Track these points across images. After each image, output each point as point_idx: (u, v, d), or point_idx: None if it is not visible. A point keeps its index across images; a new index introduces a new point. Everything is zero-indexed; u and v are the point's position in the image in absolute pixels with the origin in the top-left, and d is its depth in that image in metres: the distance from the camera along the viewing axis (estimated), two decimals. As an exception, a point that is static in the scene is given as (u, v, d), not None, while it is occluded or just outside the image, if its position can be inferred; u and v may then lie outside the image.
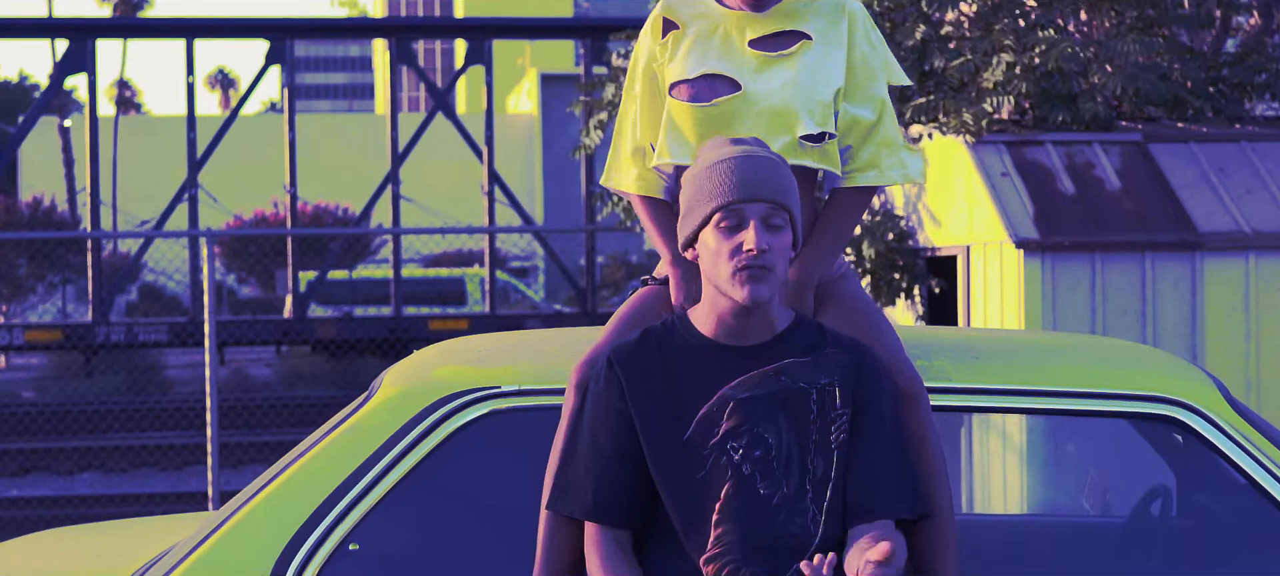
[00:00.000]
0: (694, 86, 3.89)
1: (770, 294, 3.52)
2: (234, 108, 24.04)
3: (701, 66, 3.91)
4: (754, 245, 3.48)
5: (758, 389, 3.51)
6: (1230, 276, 9.65)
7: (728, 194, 3.53)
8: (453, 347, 4.21)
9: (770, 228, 3.52)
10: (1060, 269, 9.53)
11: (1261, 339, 9.65)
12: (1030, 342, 4.22)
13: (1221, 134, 10.44)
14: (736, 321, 3.56)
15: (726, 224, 3.53)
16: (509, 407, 3.87)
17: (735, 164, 3.58)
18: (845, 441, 3.51)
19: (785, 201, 3.54)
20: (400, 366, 4.10)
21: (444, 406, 3.85)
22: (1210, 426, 3.81)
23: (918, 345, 3.98)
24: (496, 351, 4.08)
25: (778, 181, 3.55)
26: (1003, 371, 3.87)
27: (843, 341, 3.61)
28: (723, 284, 3.52)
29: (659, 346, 3.60)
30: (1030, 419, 3.91)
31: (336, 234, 26.31)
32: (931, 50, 11.11)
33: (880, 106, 3.97)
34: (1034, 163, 10.09)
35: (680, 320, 3.64)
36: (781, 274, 3.54)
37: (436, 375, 3.93)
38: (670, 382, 3.54)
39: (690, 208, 3.63)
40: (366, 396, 4.02)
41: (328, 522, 3.80)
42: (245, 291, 44.29)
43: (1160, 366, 3.97)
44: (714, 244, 3.54)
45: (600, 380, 3.59)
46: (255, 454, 17.71)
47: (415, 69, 23.54)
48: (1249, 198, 9.89)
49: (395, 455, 3.82)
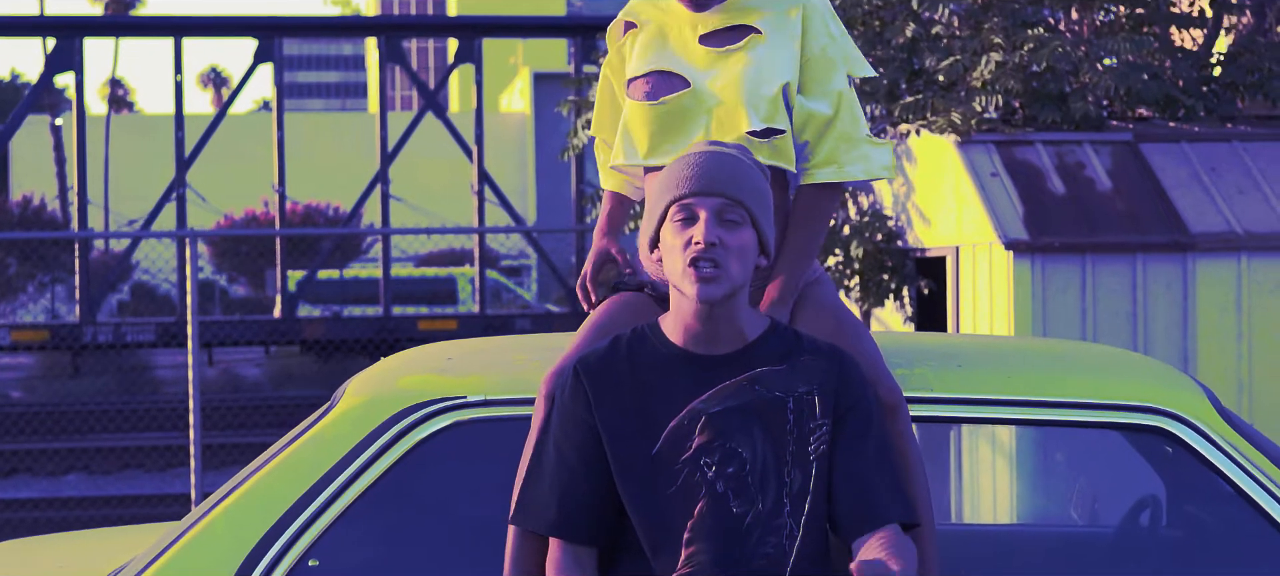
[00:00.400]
0: (647, 83, 3.83)
1: (723, 294, 3.37)
2: (222, 107, 23.89)
3: (652, 63, 3.86)
4: (702, 237, 3.35)
5: (730, 400, 3.37)
6: (1222, 278, 9.57)
7: (681, 187, 3.42)
8: (418, 356, 4.08)
9: (724, 222, 3.39)
10: (1050, 270, 9.43)
11: (1254, 341, 9.58)
12: (1016, 350, 4.09)
13: (1213, 133, 10.34)
14: (703, 327, 3.41)
15: (680, 217, 3.42)
16: (475, 418, 3.74)
17: (694, 159, 3.47)
18: (825, 453, 3.37)
19: (741, 197, 3.40)
20: (364, 375, 3.97)
21: (408, 417, 3.72)
22: (1200, 437, 3.69)
23: (898, 353, 3.86)
24: (463, 360, 3.95)
25: (737, 177, 3.42)
26: (987, 380, 3.74)
27: (820, 347, 3.47)
28: (679, 280, 3.39)
29: (628, 356, 3.46)
30: (1017, 427, 3.77)
31: (323, 234, 26.16)
32: (921, 49, 11.00)
33: (837, 100, 3.86)
34: (1024, 162, 9.99)
35: (651, 328, 3.50)
36: (738, 275, 3.38)
37: (401, 384, 3.80)
38: (639, 394, 3.41)
39: (651, 207, 3.52)
40: (329, 406, 3.89)
41: (287, 537, 3.66)
42: (238, 291, 44.14)
43: (1150, 375, 3.85)
44: (670, 240, 3.43)
45: (567, 391, 3.45)
46: (241, 455, 17.58)
47: (405, 67, 23.40)
48: (1241, 198, 9.79)
49: (357, 467, 3.69)
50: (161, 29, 23.54)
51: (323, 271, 28.69)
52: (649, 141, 3.82)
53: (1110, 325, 9.47)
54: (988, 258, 9.71)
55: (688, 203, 3.42)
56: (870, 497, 3.35)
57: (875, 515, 3.34)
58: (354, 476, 3.68)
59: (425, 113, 23.66)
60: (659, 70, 3.83)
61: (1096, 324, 9.45)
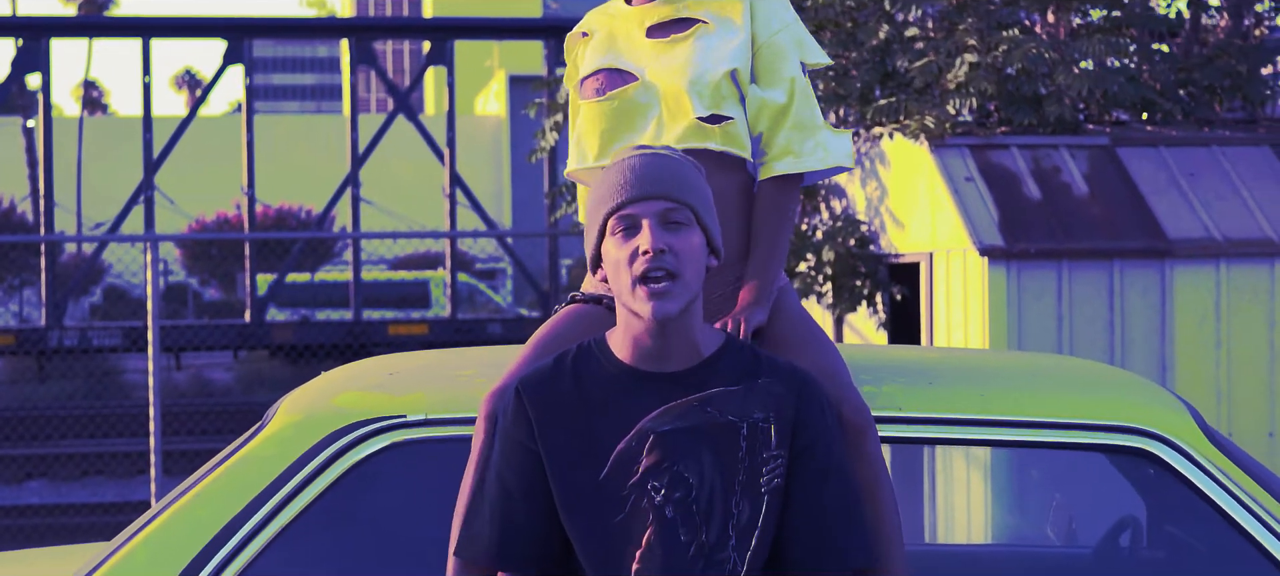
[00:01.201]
0: (597, 80, 3.72)
1: (680, 306, 3.13)
2: (191, 109, 23.65)
3: (601, 62, 3.74)
4: (650, 245, 3.11)
5: (680, 420, 3.13)
6: (1201, 285, 9.42)
7: (617, 195, 3.19)
8: (357, 371, 3.84)
9: (670, 226, 3.15)
10: (1026, 277, 9.26)
11: (1233, 349, 9.42)
12: (991, 366, 3.87)
13: (1191, 137, 10.19)
14: (654, 343, 3.17)
15: (621, 229, 3.18)
16: (416, 438, 3.50)
17: (625, 164, 3.24)
18: (779, 487, 3.13)
19: (684, 196, 3.17)
20: (299, 392, 3.74)
21: (344, 437, 3.49)
22: (1185, 460, 3.47)
23: (866, 368, 3.64)
24: (405, 375, 3.72)
25: (676, 176, 3.19)
26: (961, 398, 3.52)
27: (779, 368, 3.22)
28: (628, 299, 3.15)
29: (573, 374, 3.22)
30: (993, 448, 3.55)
31: (292, 238, 25.97)
32: (894, 50, 10.82)
33: (790, 87, 3.70)
34: (999, 167, 9.81)
35: (598, 344, 3.27)
36: (693, 281, 3.14)
37: (337, 402, 3.57)
38: (585, 415, 3.17)
39: (588, 222, 3.29)
40: (260, 425, 3.66)
41: (214, 565, 3.43)
42: (211, 294, 43.91)
43: (1131, 393, 3.63)
44: (613, 255, 3.18)
45: (508, 413, 3.22)
46: (206, 461, 17.31)
47: (376, 69, 23.23)
48: (1220, 203, 9.64)
49: (290, 490, 3.45)
50: (129, 30, 23.29)
51: (293, 275, 28.47)
52: (599, 141, 3.69)
53: (1087, 333, 9.30)
54: (962, 264, 9.55)
55: (628, 212, 3.18)
56: (828, 540, 3.12)
57: (833, 560, 3.12)
58: (285, 501, 3.45)
59: (397, 115, 23.48)
60: (607, 67, 3.72)
61: (1073, 332, 9.29)
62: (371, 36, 23.71)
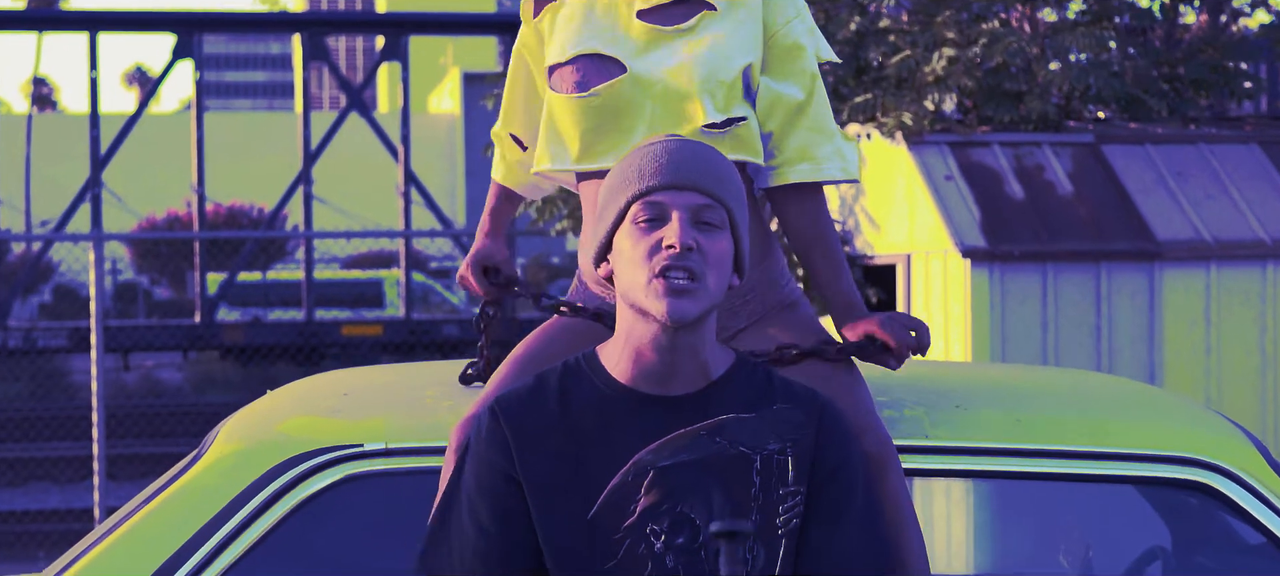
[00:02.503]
0: (576, 71, 3.12)
1: (698, 312, 2.67)
2: (140, 105, 23.21)
3: (578, 45, 3.14)
4: (677, 240, 2.66)
5: (684, 453, 2.68)
6: (1190, 288, 9.17)
7: (647, 179, 2.73)
8: (307, 391, 3.39)
9: (701, 225, 2.70)
10: (1010, 280, 8.98)
11: (1223, 355, 9.18)
12: (1026, 386, 3.43)
13: (1178, 135, 9.90)
14: (659, 360, 2.71)
15: (645, 218, 2.72)
16: (373, 471, 3.05)
17: (661, 146, 2.78)
18: (797, 527, 2.70)
19: (723, 195, 2.72)
20: (240, 416, 3.29)
21: (291, 469, 3.03)
22: (1249, 494, 3.05)
23: (881, 388, 3.21)
24: (361, 396, 3.27)
25: (717, 172, 2.74)
26: (995, 424, 3.09)
27: (796, 393, 2.78)
28: (640, 297, 2.68)
29: (559, 394, 2.76)
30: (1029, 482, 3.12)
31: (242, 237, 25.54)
32: (867, 43, 10.45)
33: (810, 84, 3.20)
34: (980, 165, 9.50)
35: (587, 360, 2.81)
36: (716, 291, 2.70)
37: (283, 429, 3.12)
38: (573, 443, 2.71)
39: (603, 206, 2.82)
40: (197, 453, 3.20)
41: (143, 616, 2.98)
42: (163, 293, 43.41)
43: (1187, 419, 3.21)
44: (629, 246, 2.72)
45: (482, 437, 2.76)
46: (155, 465, 16.83)
47: (328, 65, 22.93)
48: (1209, 203, 9.35)
49: (229, 531, 3.00)
50: (77, 23, 22.77)
51: (244, 274, 28.05)
52: (581, 141, 3.13)
53: (1073, 338, 9.05)
54: (942, 266, 9.27)
55: (657, 199, 2.72)
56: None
57: None
58: (225, 542, 2.99)
59: (349, 112, 23.13)
60: (588, 54, 3.13)
61: (1058, 337, 9.04)
62: (324, 31, 23.34)
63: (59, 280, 36.91)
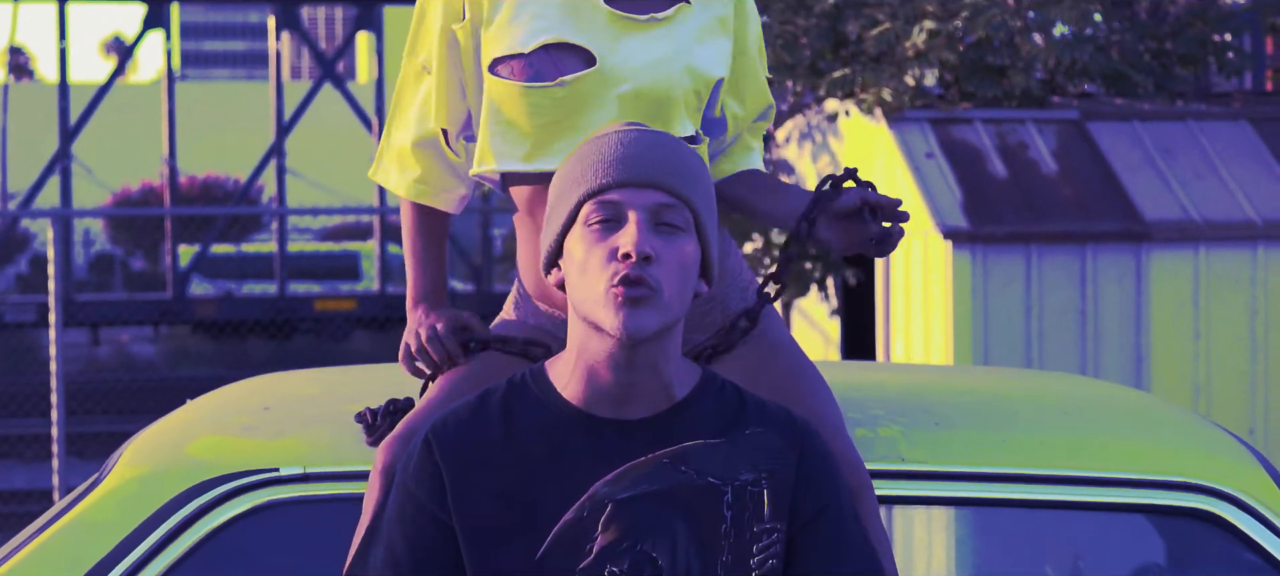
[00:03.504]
0: (531, 64, 2.72)
1: (658, 326, 2.36)
2: (110, 76, 22.93)
3: (540, 33, 2.72)
4: (633, 247, 2.34)
5: (644, 483, 2.37)
6: (1179, 270, 9.02)
7: (601, 175, 2.40)
8: (220, 405, 3.08)
9: (662, 227, 2.38)
10: (992, 262, 8.87)
11: (1212, 340, 9.05)
12: (1009, 398, 3.12)
13: (1166, 111, 9.77)
14: (614, 378, 2.39)
15: (599, 220, 2.39)
16: (291, 498, 2.74)
17: (617, 138, 2.45)
18: (775, 570, 2.39)
19: (687, 193, 2.41)
20: (145, 436, 2.98)
21: (197, 497, 2.72)
22: (1259, 525, 2.76)
23: (853, 402, 2.91)
24: (282, 411, 2.97)
25: (680, 165, 2.42)
26: (977, 444, 2.80)
27: (771, 415, 2.46)
28: (592, 310, 2.37)
29: (503, 416, 2.44)
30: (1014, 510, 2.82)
31: (212, 213, 25.30)
32: (845, 16, 10.18)
33: (769, 110, 3.01)
34: (962, 143, 9.37)
35: (535, 378, 2.48)
36: (676, 304, 2.38)
37: (191, 451, 2.81)
38: (518, 472, 2.40)
39: (553, 205, 2.49)
40: (97, 478, 2.90)
41: (32, 661, 2.68)
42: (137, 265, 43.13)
43: (1189, 438, 2.92)
44: (581, 251, 2.40)
45: (410, 468, 2.43)
46: (120, 443, 16.55)
47: (300, 34, 22.72)
48: (1198, 183, 9.21)
49: (129, 566, 2.69)
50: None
51: (218, 246, 27.83)
52: (535, 136, 2.73)
53: (1057, 322, 8.90)
54: (923, 247, 9.15)
55: (612, 198, 2.39)
56: None
57: None
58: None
59: (323, 83, 22.94)
60: (548, 44, 2.72)
61: (1042, 321, 8.89)
62: (299, 2, 23.09)
63: (37, 252, 36.66)
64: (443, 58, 2.85)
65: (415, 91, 2.90)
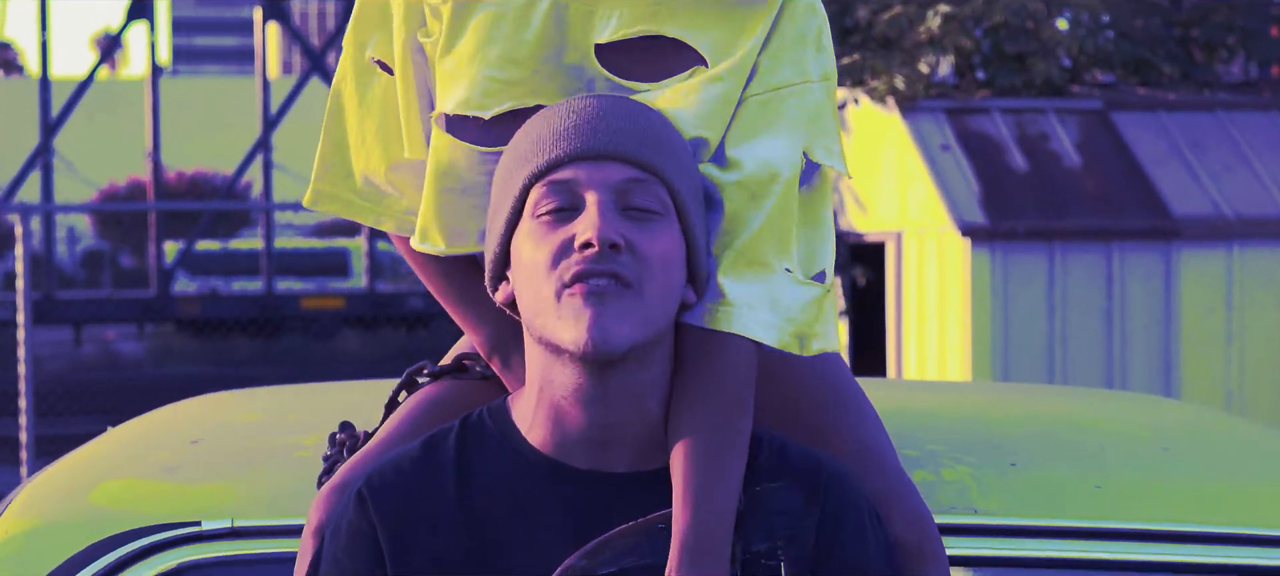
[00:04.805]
0: (491, 132, 2.00)
1: (632, 336, 1.82)
2: (91, 71, 22.68)
3: (502, 93, 2.00)
4: (594, 232, 1.81)
5: (631, 556, 1.86)
6: (1210, 269, 8.90)
7: (549, 148, 1.86)
8: (142, 438, 2.57)
9: (631, 211, 1.85)
10: (1013, 260, 8.77)
11: (1246, 343, 8.93)
12: (1088, 426, 2.59)
13: (1193, 101, 9.76)
14: (588, 418, 1.88)
15: (550, 208, 1.85)
16: (216, 558, 2.22)
17: (567, 105, 1.91)
18: None
19: (661, 166, 1.87)
20: (41, 480, 2.45)
21: (100, 558, 2.18)
22: None
23: (906, 436, 2.37)
24: (213, 446, 2.45)
25: (650, 132, 1.88)
26: (1066, 492, 2.28)
27: (793, 463, 1.94)
28: (548, 323, 1.84)
29: (457, 467, 1.94)
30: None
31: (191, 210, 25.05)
32: (856, 1, 9.95)
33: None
34: (979, 134, 9.34)
35: (495, 416, 1.97)
36: (658, 307, 1.84)
37: (96, 499, 2.28)
38: (475, 537, 1.91)
39: (494, 199, 1.94)
40: (-19, 530, 2.37)
41: None
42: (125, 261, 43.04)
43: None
44: (528, 250, 1.86)
45: (342, 528, 1.94)
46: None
47: (288, 27, 22.61)
48: (1230, 177, 9.27)
49: (15, 642, 2.17)
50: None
51: (204, 242, 27.59)
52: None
53: (1081, 325, 8.76)
54: (937, 244, 8.99)
55: (564, 176, 1.86)
56: None
57: None
58: (9, 658, 2.17)
59: (310, 76, 22.72)
60: (517, 109, 1.99)
61: (1066, 324, 8.75)
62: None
63: (28, 248, 36.45)
64: (408, 75, 2.12)
65: (374, 96, 2.23)
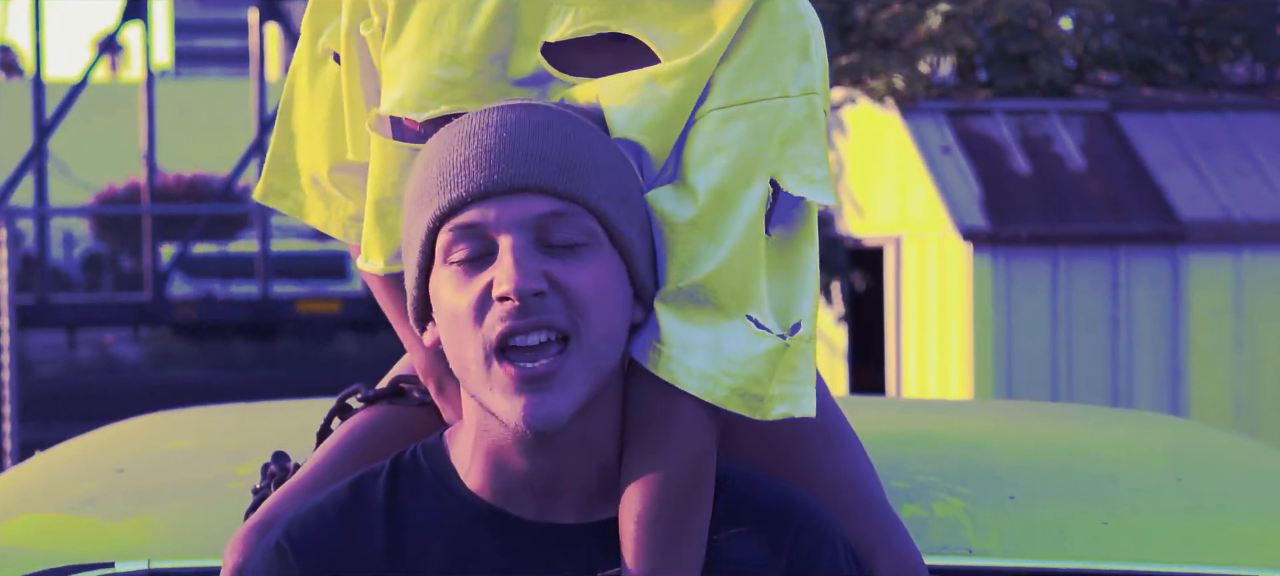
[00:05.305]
0: (423, 137, 1.80)
1: (572, 404, 1.63)
2: (85, 72, 22.77)
3: (441, 95, 1.80)
4: (511, 284, 1.60)
5: None
6: (1218, 275, 8.83)
7: (450, 187, 1.65)
8: (61, 466, 2.37)
9: (553, 249, 1.64)
10: (1016, 266, 8.70)
11: (1256, 350, 8.85)
12: (1095, 453, 2.40)
13: (1200, 102, 9.76)
14: (532, 467, 1.69)
15: (461, 255, 1.65)
16: (131, 602, 2.02)
17: (471, 124, 1.68)
18: None
19: (582, 190, 1.66)
20: (-55, 513, 2.26)
21: (4, 601, 2.01)
22: None
23: (894, 465, 2.17)
24: (139, 473, 2.25)
25: (566, 151, 1.66)
26: (1071, 529, 2.08)
27: (758, 504, 1.75)
28: (479, 389, 1.66)
29: (387, 513, 1.74)
30: None
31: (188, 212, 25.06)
32: (854, 1, 9.88)
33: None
34: (981, 135, 9.23)
35: (430, 455, 1.77)
36: (598, 348, 1.64)
37: (5, 534, 2.09)
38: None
39: (406, 237, 1.73)
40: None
41: None
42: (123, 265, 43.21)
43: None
44: (445, 297, 1.66)
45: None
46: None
47: (285, 27, 22.60)
48: (1239, 180, 9.29)
49: (-94, 697, 1.97)
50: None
51: (201, 246, 27.61)
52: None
53: (1086, 332, 8.68)
54: (938, 249, 8.91)
55: (470, 221, 1.64)
56: None
57: None
58: None
59: (304, 77, 22.66)
60: (453, 113, 1.78)
61: (1070, 331, 8.67)
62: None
63: (26, 251, 36.62)
64: (352, 69, 1.93)
65: (324, 88, 2.02)
